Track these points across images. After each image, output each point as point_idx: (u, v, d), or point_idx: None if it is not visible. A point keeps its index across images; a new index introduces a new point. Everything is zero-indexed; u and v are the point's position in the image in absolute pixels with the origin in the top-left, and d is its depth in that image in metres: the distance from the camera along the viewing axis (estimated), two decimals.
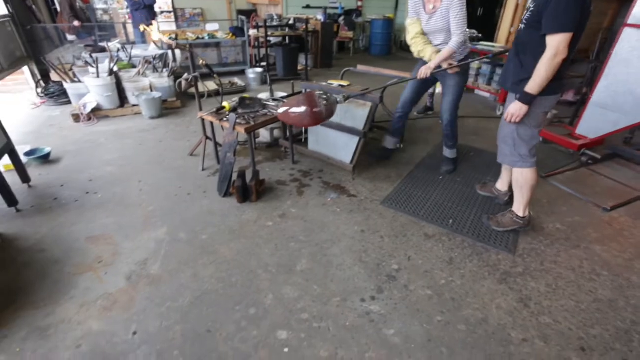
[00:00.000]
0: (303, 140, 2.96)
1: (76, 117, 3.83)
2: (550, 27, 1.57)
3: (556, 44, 1.57)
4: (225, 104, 2.58)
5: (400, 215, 2.36)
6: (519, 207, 2.10)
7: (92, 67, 3.84)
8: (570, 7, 1.52)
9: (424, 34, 2.41)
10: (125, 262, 1.90)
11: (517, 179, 2.04)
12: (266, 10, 8.54)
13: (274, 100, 2.83)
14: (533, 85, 1.69)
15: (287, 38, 6.13)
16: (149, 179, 2.74)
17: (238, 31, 5.95)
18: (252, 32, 5.95)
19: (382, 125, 3.73)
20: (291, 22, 6.34)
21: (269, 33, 5.75)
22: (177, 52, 6.34)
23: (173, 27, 8.67)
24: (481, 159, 3.19)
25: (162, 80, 4.23)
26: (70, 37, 6.02)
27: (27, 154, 2.92)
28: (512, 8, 5.13)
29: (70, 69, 4.52)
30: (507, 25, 5.18)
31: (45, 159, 2.97)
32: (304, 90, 2.81)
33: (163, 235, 2.11)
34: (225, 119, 2.46)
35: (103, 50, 4.90)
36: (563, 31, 1.55)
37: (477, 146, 3.44)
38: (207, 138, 2.93)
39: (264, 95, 3.48)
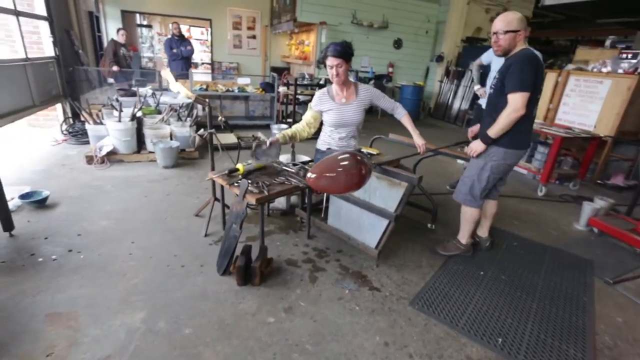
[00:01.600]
0: (323, 210, 2.60)
1: (89, 159, 3.68)
2: (510, 87, 1.93)
3: (515, 101, 1.92)
4: (239, 165, 2.30)
5: (434, 324, 1.87)
6: (463, 236, 2.46)
7: (116, 110, 3.77)
8: (525, 71, 1.89)
9: (309, 123, 2.44)
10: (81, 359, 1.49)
11: (465, 214, 2.38)
12: (299, 69, 8.83)
13: (295, 165, 2.54)
14: (493, 130, 2.04)
15: None
16: (144, 240, 2.41)
17: (268, 87, 6.00)
18: (282, 89, 5.99)
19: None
20: (322, 82, 6.39)
21: (299, 91, 5.75)
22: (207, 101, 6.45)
23: (209, 77, 9.09)
24: (527, 250, 2.70)
25: (184, 130, 4.11)
26: (110, 80, 6.26)
27: (22, 196, 2.69)
28: (551, 87, 4.93)
29: (100, 111, 4.55)
30: (546, 102, 4.96)
31: (41, 204, 2.73)
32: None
33: (139, 323, 1.70)
34: (236, 184, 2.16)
35: (134, 94, 4.95)
36: (520, 90, 1.90)
37: (520, 234, 2.97)
38: (216, 199, 2.63)
39: (283, 158, 3.23)
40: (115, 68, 5.69)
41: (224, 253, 2.11)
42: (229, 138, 4.42)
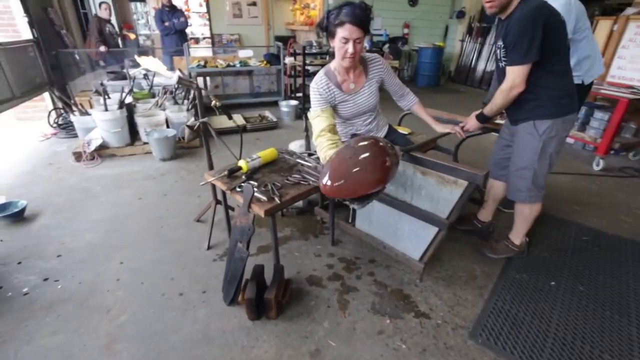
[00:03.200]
0: (351, 212, 2.12)
1: (78, 156, 3.26)
2: (509, 59, 1.56)
3: (512, 77, 1.57)
4: (242, 162, 1.82)
5: None
6: (517, 236, 2.00)
7: (102, 97, 3.29)
8: (525, 38, 1.46)
9: (333, 129, 1.69)
10: None
11: (523, 212, 1.91)
12: (305, 36, 8.05)
13: (311, 156, 2.05)
14: (489, 109, 1.74)
15: None
16: (135, 258, 2.00)
17: (273, 58, 5.37)
18: (289, 59, 5.36)
19: None
20: (332, 49, 5.70)
21: (308, 61, 5.12)
22: (207, 79, 5.89)
23: (209, 52, 8.43)
24: (602, 247, 2.18)
25: (181, 115, 3.61)
26: (102, 63, 5.73)
27: None
28: (604, 38, 4.17)
29: (90, 99, 4.09)
30: None
31: (18, 217, 2.34)
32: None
33: None
34: (238, 189, 1.69)
35: (125, 77, 4.44)
36: (517, 64, 1.53)
37: (587, 224, 2.44)
38: (217, 202, 2.18)
39: (296, 146, 2.73)
40: (102, 48, 5.14)
41: (229, 278, 1.68)
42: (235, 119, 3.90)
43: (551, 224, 2.37)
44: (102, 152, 3.35)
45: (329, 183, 1.29)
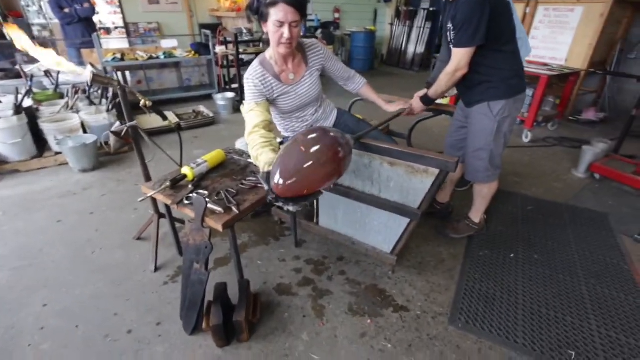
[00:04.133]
0: (315, 210, 1.96)
1: None
2: (456, 41, 1.53)
3: (457, 59, 1.56)
4: (186, 169, 1.57)
5: (489, 347, 1.44)
6: (477, 215, 2.05)
7: None
8: (472, 22, 1.45)
9: (268, 126, 1.48)
10: None
11: (482, 191, 1.95)
12: (233, 23, 7.55)
13: None
14: (433, 92, 1.74)
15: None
16: (61, 298, 1.64)
17: (202, 48, 4.92)
18: (219, 48, 4.96)
19: None
20: (265, 36, 5.40)
21: (241, 50, 4.79)
22: (127, 74, 5.22)
23: (126, 44, 7.49)
24: (545, 214, 2.36)
25: (100, 117, 3.11)
26: None
27: None
28: (519, 20, 4.52)
29: None
30: None
31: None
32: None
33: None
34: (186, 201, 1.45)
35: (19, 75, 3.69)
36: (463, 46, 1.52)
37: (528, 194, 2.63)
38: (161, 215, 1.89)
39: (243, 144, 2.49)
40: None
41: (188, 305, 1.45)
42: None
43: (499, 198, 2.50)
44: (0, 168, 2.74)
45: (281, 182, 1.12)
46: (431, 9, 7.15)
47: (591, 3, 3.91)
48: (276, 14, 1.37)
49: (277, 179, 1.13)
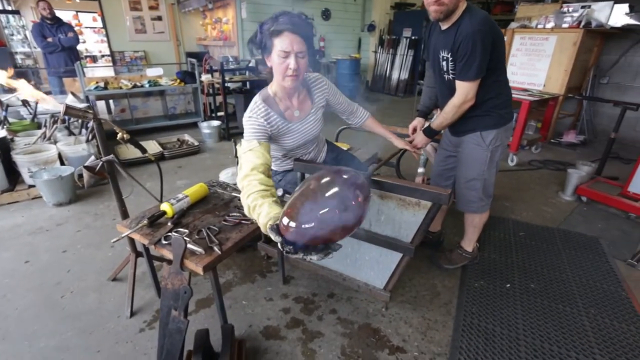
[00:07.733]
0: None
1: None
2: (464, 74, 1.51)
3: (465, 92, 1.54)
4: (165, 206, 1.48)
5: None
6: (469, 244, 2.01)
7: None
8: (477, 56, 1.43)
9: (267, 171, 1.30)
10: None
11: (474, 220, 1.91)
12: (220, 52, 7.67)
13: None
14: (438, 123, 1.70)
15: (247, 83, 5.21)
16: (21, 351, 1.47)
17: (187, 76, 4.91)
18: (205, 77, 4.95)
19: None
20: (251, 64, 5.46)
21: (227, 78, 4.79)
22: (110, 102, 5.14)
23: (111, 72, 7.47)
24: (537, 240, 2.32)
25: (79, 148, 2.99)
26: None
27: None
28: None
29: None
30: None
31: None
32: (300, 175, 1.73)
33: None
34: (165, 241, 1.34)
35: None
36: (469, 80, 1.51)
37: (519, 219, 2.60)
38: (138, 254, 1.76)
39: (227, 175, 2.42)
40: None
41: (165, 356, 1.31)
42: (148, 147, 3.37)
43: (490, 224, 2.46)
44: None
45: (292, 225, 0.96)
46: (413, 37, 7.41)
47: (564, 33, 4.10)
48: (281, 43, 1.30)
49: (285, 220, 0.98)
